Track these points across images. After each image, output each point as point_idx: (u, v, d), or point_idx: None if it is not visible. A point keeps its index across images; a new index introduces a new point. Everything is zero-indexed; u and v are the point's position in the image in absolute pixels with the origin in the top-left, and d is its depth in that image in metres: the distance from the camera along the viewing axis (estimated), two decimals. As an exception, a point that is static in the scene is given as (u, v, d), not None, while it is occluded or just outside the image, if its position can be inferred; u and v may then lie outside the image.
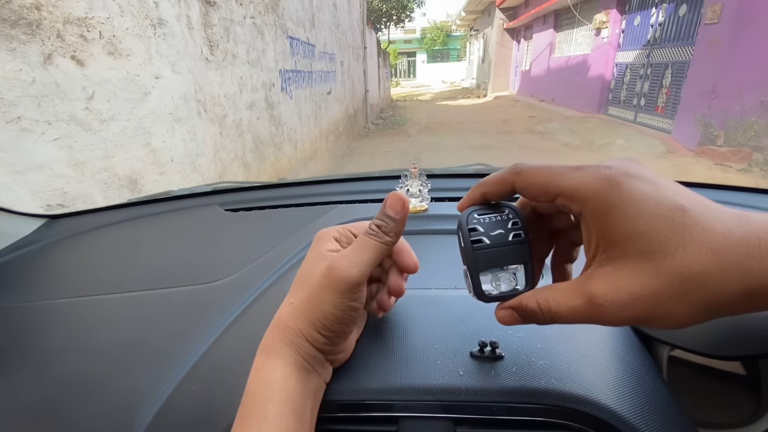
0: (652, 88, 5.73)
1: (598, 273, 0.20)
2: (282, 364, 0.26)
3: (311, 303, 0.26)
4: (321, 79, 4.19)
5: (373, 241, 0.27)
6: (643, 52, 6.04)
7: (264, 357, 0.26)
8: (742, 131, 3.97)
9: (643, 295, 0.19)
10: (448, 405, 0.28)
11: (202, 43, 1.82)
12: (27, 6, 0.98)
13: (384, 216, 0.27)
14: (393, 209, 0.27)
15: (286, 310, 0.28)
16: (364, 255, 0.26)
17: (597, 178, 0.20)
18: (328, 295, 0.26)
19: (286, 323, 0.27)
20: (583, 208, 0.21)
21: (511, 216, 0.25)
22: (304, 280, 0.28)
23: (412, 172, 0.59)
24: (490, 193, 0.25)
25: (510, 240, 0.25)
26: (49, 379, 0.35)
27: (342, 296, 0.25)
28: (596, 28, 7.15)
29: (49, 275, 0.54)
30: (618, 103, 6.81)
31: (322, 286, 0.26)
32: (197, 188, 0.82)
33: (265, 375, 0.25)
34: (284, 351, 0.26)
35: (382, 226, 0.27)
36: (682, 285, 0.18)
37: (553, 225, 0.27)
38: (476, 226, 0.25)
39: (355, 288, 0.26)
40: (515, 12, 13.15)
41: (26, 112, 0.99)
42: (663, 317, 0.19)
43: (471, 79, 21.35)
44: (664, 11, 5.49)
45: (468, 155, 4.80)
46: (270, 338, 0.27)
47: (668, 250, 0.18)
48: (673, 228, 0.18)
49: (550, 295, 0.22)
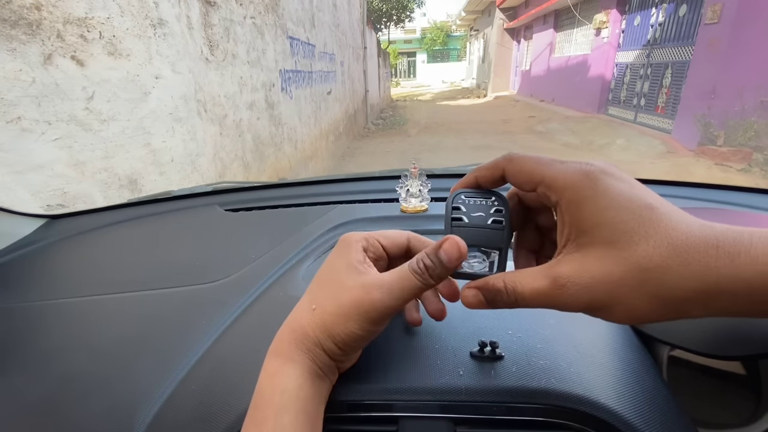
0: (652, 88, 5.74)
1: (566, 258, 0.22)
2: (299, 372, 0.25)
3: (337, 317, 0.25)
4: (321, 79, 4.19)
5: (416, 280, 0.25)
6: (643, 52, 6.04)
7: (279, 362, 0.26)
8: (742, 131, 3.97)
9: (603, 280, 0.20)
10: (448, 405, 0.28)
11: (202, 43, 1.82)
12: (27, 6, 0.98)
13: (437, 260, 0.25)
14: (449, 257, 0.24)
15: (307, 316, 0.27)
16: (404, 291, 0.25)
17: (576, 171, 0.22)
18: (357, 317, 0.25)
19: (305, 330, 0.26)
20: (560, 197, 0.22)
21: (497, 203, 0.26)
22: (331, 291, 0.27)
23: (412, 172, 0.59)
24: (483, 177, 0.26)
25: (489, 224, 0.26)
26: (49, 378, 0.35)
27: (371, 322, 0.25)
28: (596, 28, 7.15)
29: (50, 275, 0.54)
30: (618, 103, 6.81)
31: (355, 307, 0.25)
32: (197, 188, 0.82)
33: (281, 382, 0.25)
34: (300, 358, 0.26)
35: (431, 268, 0.25)
36: (641, 274, 0.19)
37: (538, 221, 0.28)
38: (459, 205, 0.27)
39: (387, 318, 0.26)
40: (515, 12, 13.15)
41: (26, 112, 0.99)
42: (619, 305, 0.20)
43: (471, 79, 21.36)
44: (664, 11, 5.49)
45: (468, 155, 4.80)
46: (285, 342, 0.27)
47: (632, 240, 0.19)
48: (640, 221, 0.19)
49: (517, 276, 0.23)
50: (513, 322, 0.34)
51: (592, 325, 0.34)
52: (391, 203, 0.65)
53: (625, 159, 4.32)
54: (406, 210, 0.59)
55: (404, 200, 0.60)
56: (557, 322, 0.34)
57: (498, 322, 0.34)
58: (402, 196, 0.60)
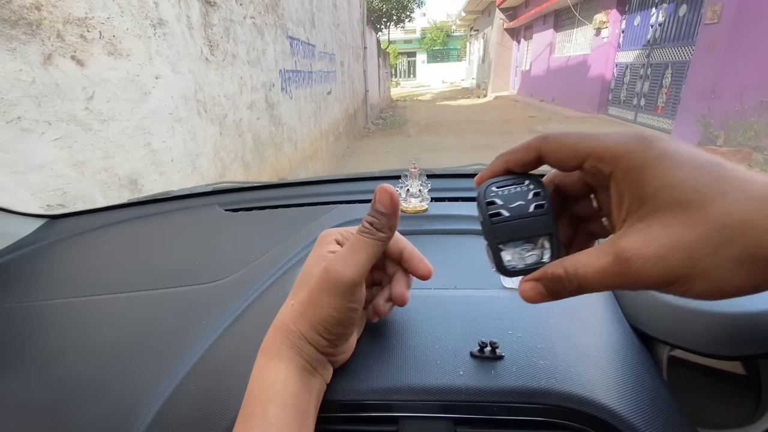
0: (652, 88, 5.74)
1: (629, 232, 0.19)
2: (285, 366, 0.26)
3: (311, 305, 0.26)
4: (321, 79, 4.19)
5: (366, 239, 0.26)
6: (643, 52, 6.04)
7: (266, 358, 0.26)
8: (742, 131, 3.97)
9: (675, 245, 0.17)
10: (448, 405, 0.28)
11: (202, 43, 1.82)
12: (27, 6, 0.98)
13: (375, 212, 0.26)
14: (382, 203, 0.26)
15: (287, 311, 0.28)
16: (359, 255, 0.26)
17: (630, 137, 0.20)
18: (327, 296, 0.25)
19: (287, 325, 0.27)
20: (614, 167, 0.19)
21: (532, 186, 0.24)
22: (303, 282, 0.28)
23: (412, 172, 0.59)
24: (514, 161, 0.23)
25: (531, 211, 0.23)
26: (49, 378, 0.35)
27: (340, 297, 0.25)
28: (596, 28, 7.15)
29: (50, 275, 0.54)
30: (618, 103, 6.81)
31: (320, 288, 0.26)
32: (197, 188, 0.82)
33: (267, 377, 0.25)
34: (286, 353, 0.26)
35: (374, 222, 0.26)
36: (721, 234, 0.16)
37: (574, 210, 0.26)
38: (494, 198, 0.24)
39: (353, 289, 0.25)
40: (515, 12, 13.15)
41: (26, 112, 0.99)
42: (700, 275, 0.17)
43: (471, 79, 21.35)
44: (664, 11, 5.49)
45: (468, 155, 4.80)
46: (271, 340, 0.27)
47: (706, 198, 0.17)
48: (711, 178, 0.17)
49: (576, 259, 0.20)
50: (513, 322, 0.34)
51: (592, 325, 0.34)
52: (391, 203, 0.65)
53: (625, 159, 4.32)
54: (406, 210, 0.59)
55: (404, 200, 0.60)
56: (557, 322, 0.34)
57: (498, 322, 0.34)
58: (402, 196, 0.60)
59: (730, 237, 0.16)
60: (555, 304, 0.24)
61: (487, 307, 0.36)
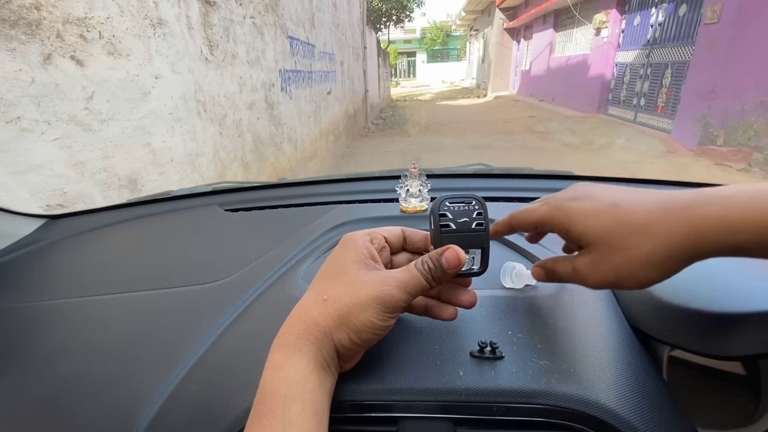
0: (652, 87, 5.73)
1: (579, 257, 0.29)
2: (305, 362, 0.25)
3: (354, 307, 0.26)
4: (321, 79, 4.18)
5: (422, 278, 0.28)
6: (643, 51, 6.04)
7: (285, 353, 0.26)
8: (742, 131, 3.96)
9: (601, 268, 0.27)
10: (448, 405, 0.28)
11: (202, 43, 1.82)
12: (27, 6, 0.98)
13: (438, 263, 0.28)
14: (449, 264, 0.28)
15: (317, 306, 0.27)
16: (415, 288, 0.28)
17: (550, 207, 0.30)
18: (376, 306, 0.26)
19: (315, 319, 0.27)
20: (553, 227, 0.30)
21: (477, 207, 0.30)
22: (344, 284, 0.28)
23: (412, 172, 0.59)
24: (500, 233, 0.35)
25: (473, 227, 0.29)
26: (50, 378, 0.35)
27: (386, 312, 0.27)
28: (596, 28, 7.15)
29: (49, 275, 0.54)
30: (618, 103, 6.81)
31: (372, 298, 0.26)
32: (197, 188, 0.82)
33: (288, 373, 0.25)
34: (307, 349, 0.26)
35: (433, 271, 0.28)
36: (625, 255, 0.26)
37: None
38: (446, 212, 0.29)
39: (400, 310, 0.28)
40: (515, 12, 13.15)
41: (26, 112, 0.99)
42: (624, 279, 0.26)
43: (471, 79, 21.35)
44: (663, 11, 5.49)
45: (468, 155, 4.80)
46: (292, 334, 0.27)
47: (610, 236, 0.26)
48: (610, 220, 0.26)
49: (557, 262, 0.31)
50: (513, 322, 0.34)
51: (592, 325, 0.34)
52: (391, 203, 0.65)
53: (625, 159, 4.32)
54: (405, 210, 0.59)
55: (404, 200, 0.60)
56: (557, 322, 0.34)
57: (498, 322, 0.34)
58: (402, 196, 0.60)
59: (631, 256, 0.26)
60: (555, 305, 0.25)
61: (487, 307, 0.36)
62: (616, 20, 6.81)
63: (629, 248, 0.25)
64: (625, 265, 0.26)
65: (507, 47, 14.22)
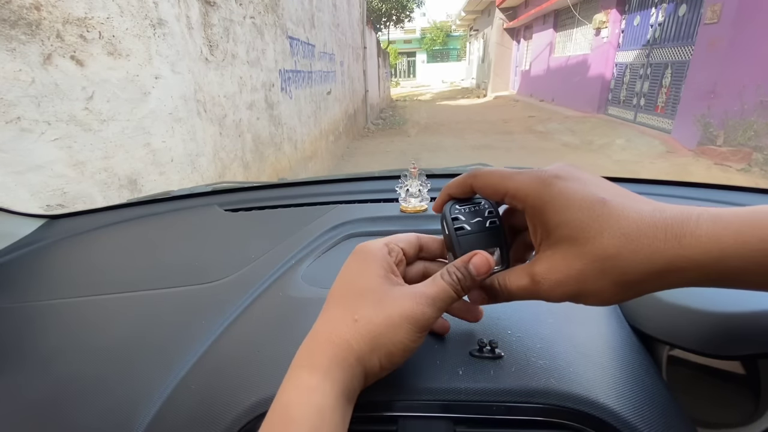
0: (652, 87, 5.73)
1: (540, 257, 0.24)
2: (337, 392, 0.23)
3: (387, 328, 0.25)
4: (321, 79, 4.19)
5: (450, 290, 0.26)
6: (642, 51, 6.04)
7: (317, 378, 0.23)
8: (741, 131, 3.97)
9: (570, 274, 0.22)
10: (448, 405, 0.28)
11: (202, 43, 1.82)
12: (27, 6, 0.98)
13: (467, 272, 0.26)
14: (478, 271, 0.26)
15: (349, 328, 0.25)
16: (444, 302, 0.26)
17: (533, 179, 0.24)
18: (409, 326, 0.25)
19: (350, 343, 0.24)
20: (524, 204, 0.25)
21: (486, 206, 0.29)
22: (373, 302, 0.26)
23: (411, 172, 0.59)
24: (455, 194, 0.29)
25: (487, 226, 0.28)
26: (49, 378, 0.35)
27: (418, 332, 0.25)
28: (596, 28, 7.15)
29: (49, 275, 0.54)
30: (618, 103, 6.81)
31: (405, 316, 0.25)
32: (197, 188, 0.82)
33: (319, 402, 0.23)
34: (340, 377, 0.24)
35: (462, 280, 0.26)
36: (600, 265, 0.21)
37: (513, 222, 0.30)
38: (458, 215, 0.28)
39: (429, 329, 0.26)
40: (515, 12, 13.15)
41: (26, 113, 0.99)
42: (588, 294, 0.23)
43: (471, 79, 21.35)
44: (663, 11, 5.49)
45: (468, 155, 4.80)
46: (326, 357, 0.24)
47: (589, 236, 0.22)
48: (594, 217, 0.22)
49: (506, 275, 0.27)
50: (512, 322, 0.34)
51: (592, 324, 0.34)
52: (391, 203, 0.65)
53: (625, 159, 4.32)
54: (405, 210, 0.59)
55: (404, 200, 0.60)
56: (556, 321, 0.34)
57: (497, 321, 0.34)
58: (402, 196, 0.60)
59: (606, 267, 0.21)
60: (554, 304, 0.25)
61: (486, 307, 0.36)
62: (616, 20, 6.82)
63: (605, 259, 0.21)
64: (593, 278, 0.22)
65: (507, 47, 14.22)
